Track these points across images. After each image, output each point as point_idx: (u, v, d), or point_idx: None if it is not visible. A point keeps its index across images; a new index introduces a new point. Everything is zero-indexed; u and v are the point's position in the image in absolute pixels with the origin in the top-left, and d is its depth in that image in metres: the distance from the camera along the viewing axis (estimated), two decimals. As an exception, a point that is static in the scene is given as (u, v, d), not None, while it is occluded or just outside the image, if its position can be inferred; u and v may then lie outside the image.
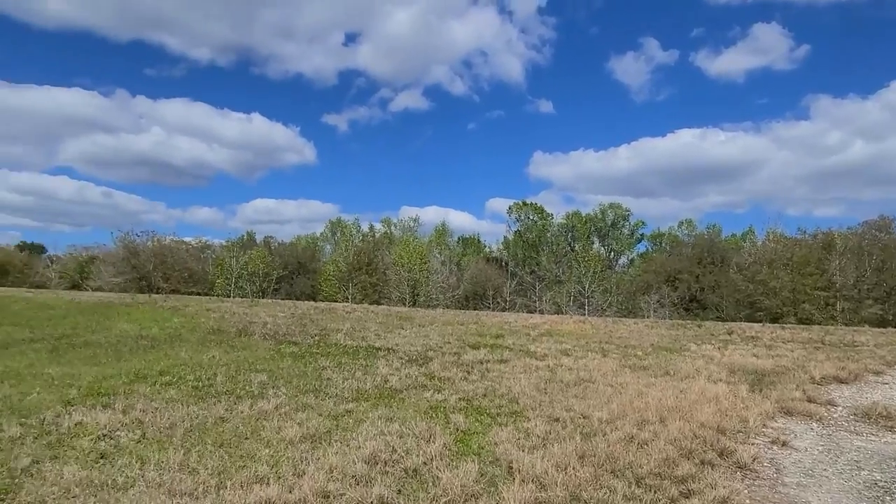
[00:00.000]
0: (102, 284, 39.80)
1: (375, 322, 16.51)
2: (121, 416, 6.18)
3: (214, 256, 49.40)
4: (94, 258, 45.86)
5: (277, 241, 59.59)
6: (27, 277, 42.59)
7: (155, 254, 42.48)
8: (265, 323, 14.45)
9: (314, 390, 7.79)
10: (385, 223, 67.39)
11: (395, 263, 45.83)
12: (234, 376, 8.40)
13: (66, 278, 44.60)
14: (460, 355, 11.27)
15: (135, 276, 40.62)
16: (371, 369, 9.44)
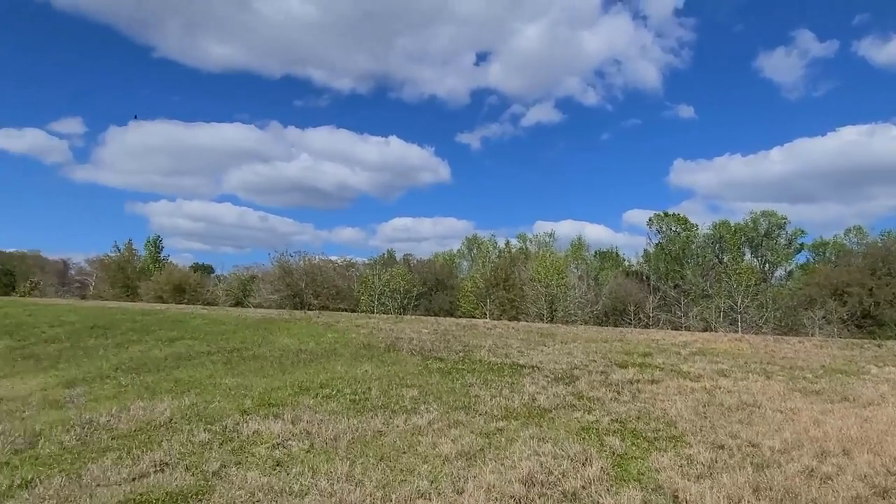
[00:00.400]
0: (262, 301, 43.38)
1: (517, 339, 16.47)
2: (290, 426, 6.65)
3: (358, 274, 51.97)
4: (254, 277, 50.10)
5: (416, 258, 61.57)
6: (200, 295, 47.40)
7: (306, 272, 45.55)
8: (411, 339, 14.95)
9: (464, 407, 7.90)
10: (521, 239, 67.36)
11: (532, 279, 45.53)
12: (387, 391, 8.74)
13: (231, 295, 49.06)
14: (608, 374, 10.91)
15: (289, 293, 43.82)
16: (517, 387, 9.40)
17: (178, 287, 46.62)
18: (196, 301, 44.08)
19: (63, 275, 66.80)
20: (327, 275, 46.94)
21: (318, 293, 43.76)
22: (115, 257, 54.93)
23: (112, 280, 52.64)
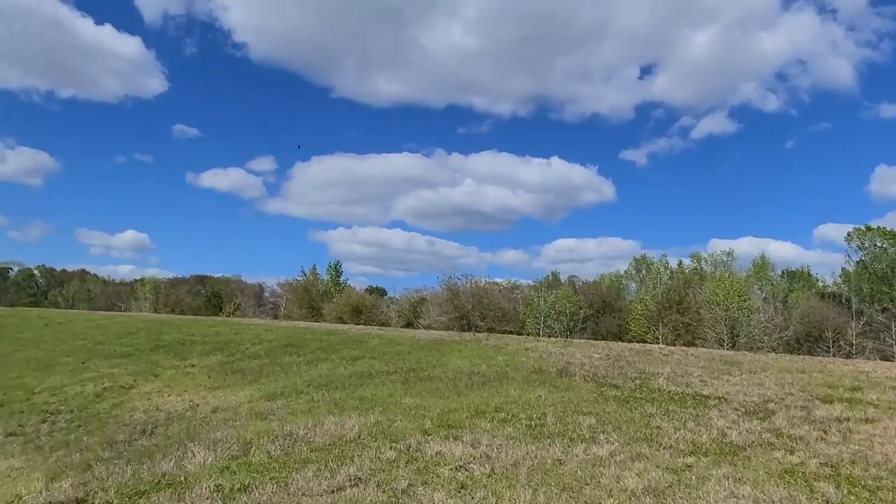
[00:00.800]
0: (431, 322, 45.05)
1: (697, 366, 15.38)
2: (470, 449, 6.76)
3: (523, 296, 52.03)
4: (423, 299, 52.24)
5: (581, 279, 60.28)
6: (375, 316, 50.40)
7: (473, 295, 46.53)
8: (582, 364, 14.59)
9: (645, 439, 7.50)
10: (694, 258, 63.18)
11: (710, 301, 42.40)
12: (563, 417, 8.57)
13: (403, 317, 51.53)
14: (809, 410, 9.76)
15: (457, 315, 45.03)
16: (703, 420, 8.74)
17: (355, 308, 49.91)
18: (372, 322, 46.86)
19: (259, 297, 74.62)
20: (493, 297, 47.54)
21: (484, 315, 44.45)
22: (301, 281, 60.23)
23: (300, 302, 57.75)
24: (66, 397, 13.00)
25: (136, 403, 12.09)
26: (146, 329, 22.18)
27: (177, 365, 15.80)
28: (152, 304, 68.89)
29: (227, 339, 19.67)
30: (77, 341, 20.49)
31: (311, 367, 14.59)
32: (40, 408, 12.17)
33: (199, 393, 12.61)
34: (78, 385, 14.02)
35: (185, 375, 14.50)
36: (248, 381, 13.33)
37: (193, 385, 13.42)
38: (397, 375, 12.85)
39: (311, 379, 12.96)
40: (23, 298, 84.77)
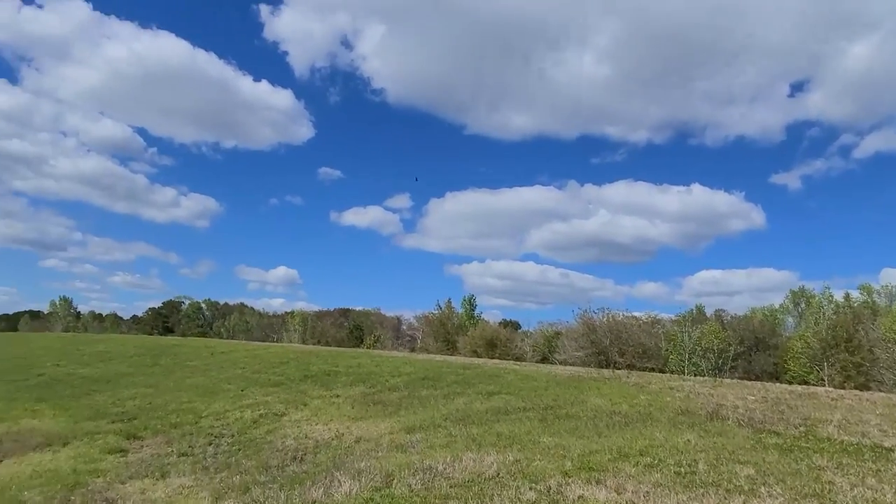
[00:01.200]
0: (567, 357, 43.97)
1: (874, 413, 13.61)
2: (615, 495, 6.43)
3: (665, 331, 49.35)
4: (558, 333, 51.21)
5: (729, 314, 56.12)
6: (509, 350, 50.18)
7: (610, 329, 44.90)
8: (735, 406, 13.45)
9: (815, 495, 6.71)
10: (864, 290, 56.64)
11: (886, 339, 37.66)
12: (716, 465, 7.91)
13: (538, 351, 50.83)
14: None
15: (594, 350, 43.61)
16: (886, 476, 7.68)
17: (490, 342, 50.02)
18: (506, 356, 46.67)
19: (397, 329, 77.19)
20: (632, 332, 45.54)
21: (623, 351, 42.66)
22: (437, 314, 61.55)
23: (436, 334, 58.97)
24: (228, 422, 14.12)
25: (288, 430, 12.86)
26: (296, 360, 23.68)
27: (323, 395, 16.66)
28: (301, 336, 73.54)
29: (368, 370, 20.47)
30: (237, 370, 22.31)
31: (448, 400, 14.75)
32: (206, 431, 13.32)
33: (344, 423, 13.17)
34: (238, 411, 15.20)
35: (330, 405, 15.23)
36: (389, 413, 13.73)
37: (338, 415, 14.05)
38: (534, 412, 12.62)
39: (448, 413, 13.09)
40: (192, 329, 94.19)
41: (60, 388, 20.38)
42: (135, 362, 26.64)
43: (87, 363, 27.11)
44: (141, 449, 12.07)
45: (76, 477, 9.70)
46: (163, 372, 23.33)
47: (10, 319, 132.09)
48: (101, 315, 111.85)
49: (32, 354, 32.68)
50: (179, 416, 14.97)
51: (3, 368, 27.21)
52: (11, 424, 14.63)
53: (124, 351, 30.82)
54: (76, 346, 35.18)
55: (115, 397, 18.19)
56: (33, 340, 46.52)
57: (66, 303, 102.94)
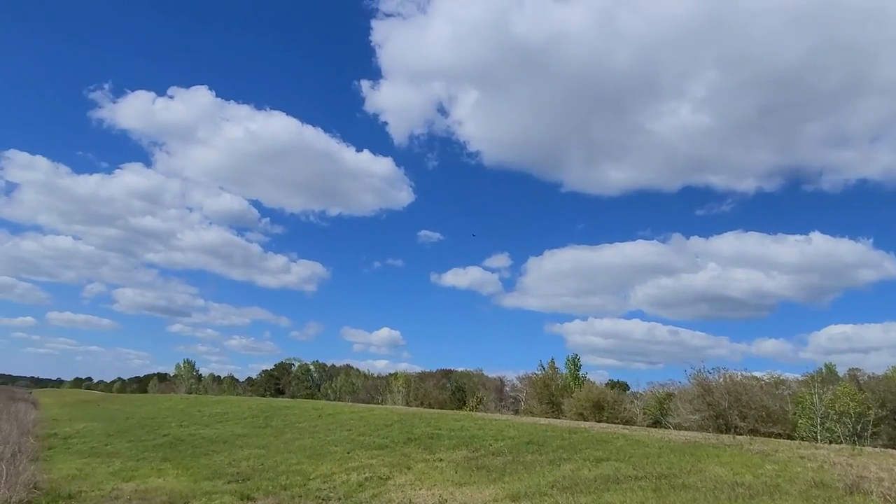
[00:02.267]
0: (681, 421, 41.27)
1: None
2: (741, 577, 5.87)
3: (791, 393, 45.43)
4: (670, 395, 48.33)
5: (866, 373, 50.88)
6: (618, 413, 47.83)
7: (728, 391, 41.85)
8: (880, 479, 12.00)
9: None
10: None
11: None
12: (861, 548, 7.06)
13: (648, 414, 48.12)
14: None
15: (710, 413, 40.68)
16: None
17: (597, 404, 48.05)
18: (614, 419, 44.54)
19: (500, 391, 75.95)
20: (753, 394, 42.17)
21: (744, 415, 39.46)
22: (540, 375, 60.13)
23: (539, 396, 57.46)
24: (335, 485, 14.31)
25: (392, 495, 12.84)
26: (399, 422, 23.81)
27: (427, 458, 16.57)
28: (404, 397, 74.06)
29: (471, 433, 20.20)
30: (343, 432, 22.73)
31: (554, 467, 14.22)
32: (314, 493, 13.55)
33: (447, 488, 12.98)
34: (344, 474, 15.39)
35: (434, 469, 15.10)
36: (493, 479, 13.41)
37: (442, 479, 13.89)
38: (647, 481, 11.88)
39: (554, 480, 12.60)
40: (301, 390, 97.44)
41: (183, 448, 21.58)
42: (249, 423, 27.83)
43: (207, 424, 28.62)
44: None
45: (195, 536, 10.11)
46: (274, 433, 24.18)
47: (141, 382, 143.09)
48: (219, 377, 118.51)
49: (159, 415, 35.01)
50: (289, 477, 15.37)
51: (133, 428, 29.27)
52: (140, 483, 15.60)
53: (240, 412, 32.32)
54: (197, 408, 37.34)
55: (231, 458, 19.00)
56: (160, 402, 49.89)
57: (189, 366, 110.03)
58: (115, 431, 28.58)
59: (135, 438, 25.24)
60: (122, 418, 35.81)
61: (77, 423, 35.02)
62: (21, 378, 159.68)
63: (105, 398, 73.22)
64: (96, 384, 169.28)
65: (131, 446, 22.96)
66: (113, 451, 21.78)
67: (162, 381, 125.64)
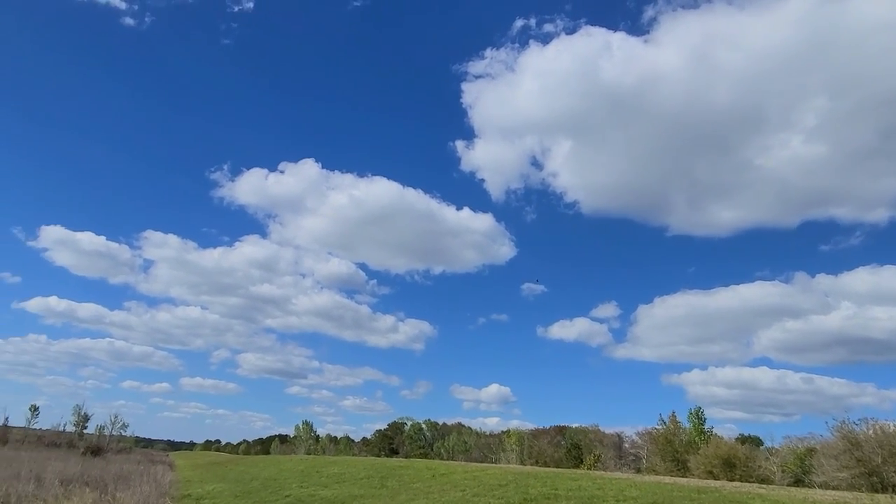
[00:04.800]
0: (827, 480, 37.15)
1: None
2: None
3: (959, 445, 39.86)
4: (811, 450, 43.92)
5: None
6: (752, 471, 43.94)
7: (880, 444, 37.39)
8: None
9: None
10: None
11: None
12: None
13: (787, 472, 43.87)
14: None
15: (861, 470, 36.37)
16: None
17: (727, 461, 44.45)
18: (748, 477, 40.96)
19: (618, 447, 72.23)
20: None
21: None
22: (661, 430, 56.72)
23: (662, 453, 54.04)
24: (451, 548, 14.04)
25: (510, 559, 12.39)
26: (514, 482, 23.16)
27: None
28: (518, 456, 72.18)
29: (590, 493, 19.26)
30: (457, 492, 22.39)
31: (683, 530, 13.21)
32: (431, 556, 13.34)
33: (568, 553, 12.36)
34: (460, 536, 15.08)
35: (552, 532, 14.47)
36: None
37: (561, 543, 13.26)
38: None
39: (684, 545, 11.67)
40: (415, 450, 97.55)
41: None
42: (365, 484, 28.10)
43: (325, 485, 29.20)
44: (372, 573, 12.42)
45: None
46: (389, 494, 24.24)
47: (264, 443, 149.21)
48: (335, 437, 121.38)
49: (281, 476, 36.17)
50: (406, 540, 15.27)
51: (257, 489, 30.39)
52: (264, 543, 16.06)
53: (356, 473, 32.75)
54: (316, 468, 38.26)
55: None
56: (282, 463, 51.60)
57: (307, 427, 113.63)
58: (241, 492, 29.79)
59: (259, 500, 26.16)
60: (247, 479, 37.30)
61: (207, 484, 36.87)
62: (158, 441, 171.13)
63: (231, 460, 76.82)
64: (224, 446, 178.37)
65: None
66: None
67: (283, 443, 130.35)
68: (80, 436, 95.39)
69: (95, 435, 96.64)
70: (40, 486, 25.47)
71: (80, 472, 33.92)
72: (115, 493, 24.67)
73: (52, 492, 23.96)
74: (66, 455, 56.81)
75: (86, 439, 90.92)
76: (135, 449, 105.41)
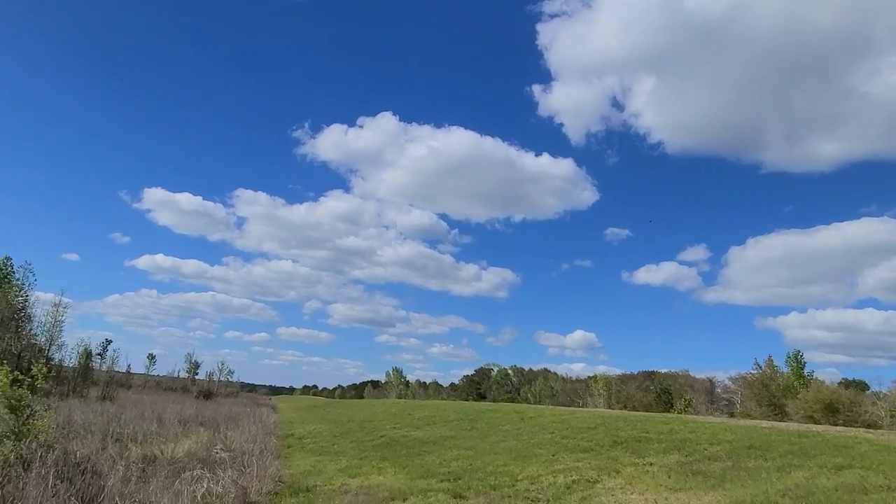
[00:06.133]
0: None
1: None
2: None
3: None
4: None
5: None
6: (856, 416, 41.90)
7: None
8: None
9: None
10: None
11: None
12: None
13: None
14: None
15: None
16: None
17: (829, 406, 42.55)
18: (852, 422, 39.09)
19: (710, 392, 70.56)
20: None
21: None
22: (757, 375, 54.84)
23: (757, 398, 52.38)
24: (542, 486, 14.33)
25: (602, 499, 12.53)
26: (604, 425, 23.19)
27: (635, 462, 15.92)
28: (605, 400, 72.08)
29: (682, 437, 19.02)
30: (546, 434, 22.71)
31: (782, 473, 12.83)
32: (523, 494, 13.70)
33: (661, 493, 12.35)
34: (551, 476, 15.36)
35: (644, 473, 14.45)
36: (711, 486, 12.47)
37: (654, 485, 13.24)
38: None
39: (784, 488, 11.37)
40: (501, 394, 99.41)
41: (397, 449, 23.14)
42: (454, 426, 29.01)
43: (417, 426, 30.38)
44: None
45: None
46: (479, 435, 24.92)
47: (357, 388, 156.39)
48: (424, 383, 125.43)
49: (375, 418, 37.93)
50: (497, 478, 15.71)
51: (354, 430, 32.03)
52: (363, 479, 17.02)
53: (445, 416, 33.84)
54: (407, 412, 39.82)
55: (441, 458, 19.95)
56: (375, 406, 54.04)
57: (397, 373, 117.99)
58: (339, 433, 31.54)
59: (356, 439, 27.61)
60: (344, 421, 39.40)
61: (308, 424, 39.27)
62: (261, 386, 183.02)
63: (328, 403, 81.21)
64: (321, 391, 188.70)
65: (354, 446, 25.16)
66: (339, 451, 24.05)
67: (375, 388, 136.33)
68: (193, 381, 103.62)
69: (205, 380, 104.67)
70: (162, 425, 27.99)
71: (195, 413, 36.96)
72: (226, 432, 26.73)
73: (173, 430, 26.28)
74: (181, 398, 61.98)
75: (197, 384, 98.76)
76: (240, 393, 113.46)
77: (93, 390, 57.19)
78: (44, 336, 56.38)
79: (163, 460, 18.16)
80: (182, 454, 19.78)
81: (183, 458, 18.80)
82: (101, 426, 23.39)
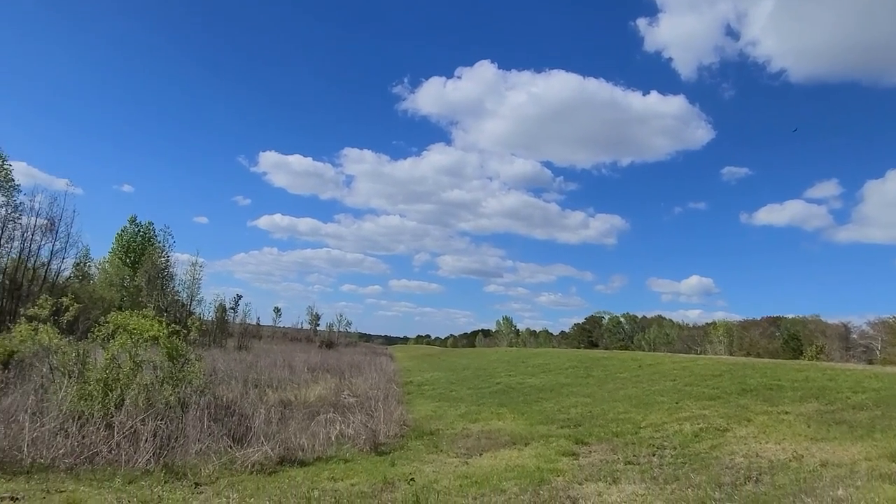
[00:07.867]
0: None
1: None
2: None
3: None
4: None
5: None
6: None
7: None
8: None
9: None
10: None
11: None
12: None
13: None
14: None
15: None
16: None
17: None
18: None
19: (845, 338, 65.69)
20: None
21: None
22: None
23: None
24: (667, 434, 13.99)
25: (734, 447, 12.03)
26: (729, 372, 22.20)
27: (768, 411, 15.12)
28: (726, 347, 69.12)
29: (820, 385, 17.82)
30: (667, 382, 22.09)
31: (943, 424, 11.72)
32: (647, 441, 13.44)
33: (801, 443, 11.65)
34: (675, 423, 14.95)
35: (779, 422, 13.71)
36: (858, 436, 11.60)
37: (791, 434, 12.53)
38: None
39: (948, 440, 10.37)
40: (614, 342, 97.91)
41: (514, 395, 23.44)
42: (570, 374, 28.92)
43: (532, 374, 30.60)
44: (589, 454, 12.87)
45: (540, 474, 10.87)
46: (596, 383, 24.70)
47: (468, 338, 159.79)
48: (534, 331, 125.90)
49: (489, 366, 38.59)
50: (619, 425, 15.53)
51: (470, 378, 32.79)
52: (483, 424, 17.41)
53: (560, 363, 33.79)
54: (521, 359, 40.17)
55: (559, 405, 19.99)
56: (488, 354, 54.98)
57: (507, 322, 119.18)
58: (456, 380, 32.42)
59: (473, 386, 28.27)
60: (459, 369, 40.42)
61: (425, 373, 40.67)
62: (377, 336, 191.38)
63: (443, 352, 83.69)
64: (433, 340, 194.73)
65: (471, 393, 25.78)
66: (457, 397, 24.73)
67: (486, 337, 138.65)
68: (315, 332, 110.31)
69: (326, 331, 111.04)
70: (293, 373, 30.04)
71: (321, 361, 39.31)
72: (350, 379, 28.27)
73: (303, 377, 28.14)
74: (306, 348, 66.20)
75: (319, 335, 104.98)
76: (358, 343, 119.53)
77: (230, 341, 62.41)
78: (185, 292, 62.14)
79: (297, 404, 19.52)
80: (313, 399, 21.15)
81: (315, 403, 20.11)
82: (241, 373, 25.44)
